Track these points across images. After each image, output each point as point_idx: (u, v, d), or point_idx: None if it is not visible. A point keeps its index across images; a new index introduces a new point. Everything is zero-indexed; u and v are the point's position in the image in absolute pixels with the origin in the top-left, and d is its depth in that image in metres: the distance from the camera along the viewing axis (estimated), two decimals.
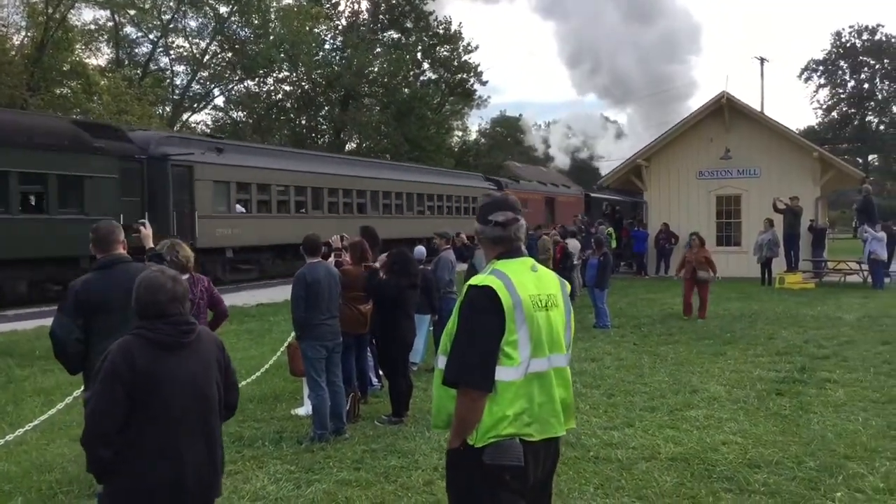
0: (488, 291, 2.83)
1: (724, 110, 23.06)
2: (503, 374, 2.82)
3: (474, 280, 2.92)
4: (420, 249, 10.21)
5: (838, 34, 75.43)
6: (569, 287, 3.19)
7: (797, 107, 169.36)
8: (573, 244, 16.72)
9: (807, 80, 77.26)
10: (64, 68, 33.38)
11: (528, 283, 2.93)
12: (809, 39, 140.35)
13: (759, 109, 30.75)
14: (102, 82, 32.30)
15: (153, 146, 20.16)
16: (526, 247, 3.16)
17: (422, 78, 53.18)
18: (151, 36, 43.06)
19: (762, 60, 53.74)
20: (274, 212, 23.84)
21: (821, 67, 76.04)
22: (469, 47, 53.03)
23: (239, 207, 22.66)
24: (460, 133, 64.72)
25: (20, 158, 16.35)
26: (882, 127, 74.28)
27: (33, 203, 17.43)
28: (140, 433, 3.10)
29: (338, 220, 25.18)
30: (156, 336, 3.15)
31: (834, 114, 76.32)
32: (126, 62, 42.07)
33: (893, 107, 74.48)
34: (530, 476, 2.88)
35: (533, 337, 2.87)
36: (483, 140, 73.28)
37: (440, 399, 2.97)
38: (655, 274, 23.39)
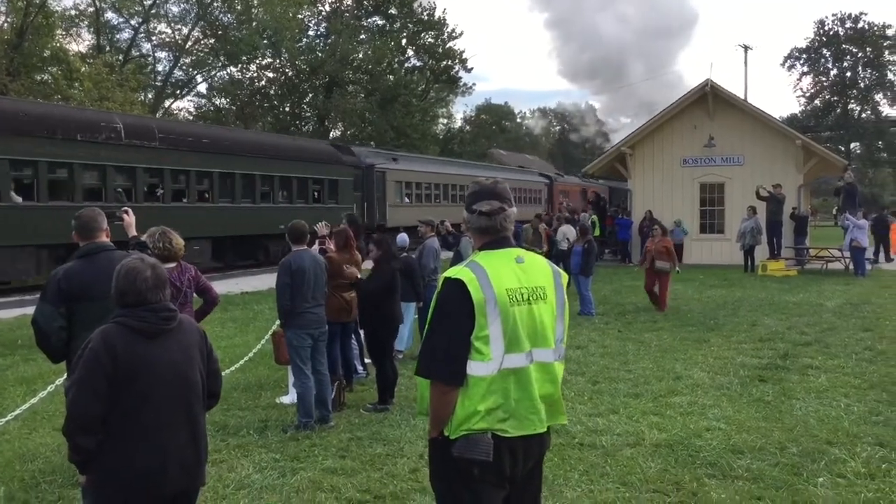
0: (459, 284, 2.77)
1: (708, 98, 23.11)
2: (474, 368, 2.77)
3: (449, 272, 2.87)
4: (403, 237, 10.19)
5: (821, 22, 75.66)
6: (565, 278, 3.08)
7: (780, 94, 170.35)
8: (568, 231, 16.53)
9: (790, 68, 77.57)
10: (44, 54, 32.99)
11: (507, 276, 2.84)
12: (793, 28, 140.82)
13: (742, 97, 30.90)
14: (83, 69, 31.92)
15: (364, 158, 29.13)
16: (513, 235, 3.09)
17: (406, 65, 52.99)
18: (133, 22, 42.66)
19: (746, 48, 53.55)
20: (424, 202, 32.34)
21: (804, 56, 76.30)
22: (454, 34, 52.95)
23: (405, 199, 31.62)
24: (445, 121, 64.70)
25: (305, 168, 24.96)
26: (864, 115, 74.67)
27: (316, 197, 25.85)
28: (122, 421, 3.07)
29: (446, 207, 32.15)
30: (137, 323, 3.13)
31: (817, 102, 76.67)
32: (107, 48, 41.60)
33: (875, 95, 74.90)
34: (506, 470, 2.84)
35: (507, 332, 2.78)
36: (468, 128, 73.22)
37: (422, 387, 2.93)
38: (640, 263, 23.45)
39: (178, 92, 46.25)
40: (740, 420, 6.74)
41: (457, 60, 53.28)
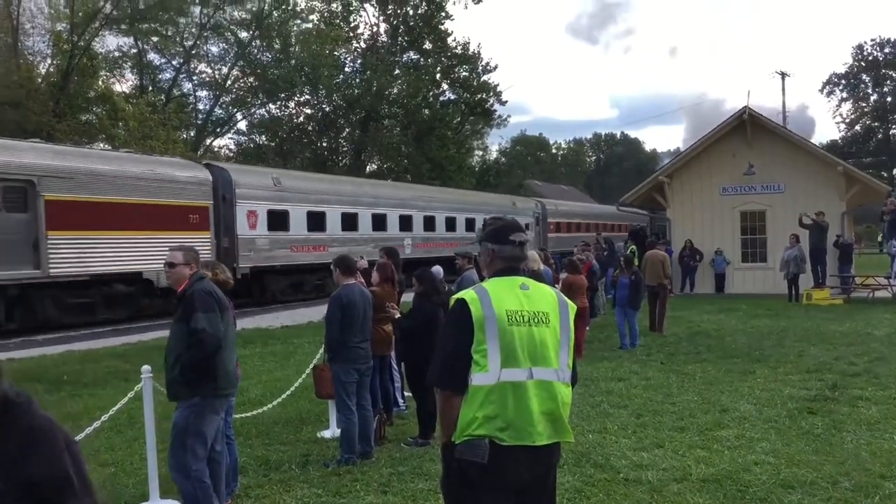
0: (462, 304, 3.10)
1: (746, 125, 22.92)
2: (475, 378, 3.04)
3: (458, 294, 3.20)
4: (438, 269, 10.18)
5: (860, 47, 74.98)
6: (573, 309, 3.32)
7: (820, 121, 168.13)
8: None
9: (829, 94, 76.73)
10: (89, 95, 33.92)
11: (508, 299, 3.13)
12: (830, 53, 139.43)
13: (781, 124, 30.57)
14: (127, 108, 32.75)
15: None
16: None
17: (441, 98, 53.42)
18: (174, 62, 43.73)
19: (783, 75, 53.17)
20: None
21: (843, 81, 75.46)
22: (488, 67, 53.26)
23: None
24: (480, 152, 64.98)
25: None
26: None
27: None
28: None
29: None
30: None
31: (857, 127, 75.61)
32: (150, 88, 42.67)
33: None
34: (506, 477, 3.03)
35: (504, 348, 3.04)
36: (503, 159, 73.45)
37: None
38: (680, 292, 23.17)
39: (218, 130, 47.16)
40: (790, 454, 6.58)
41: (491, 93, 53.59)
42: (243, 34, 43.69)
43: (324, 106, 48.52)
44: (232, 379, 5.26)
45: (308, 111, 49.14)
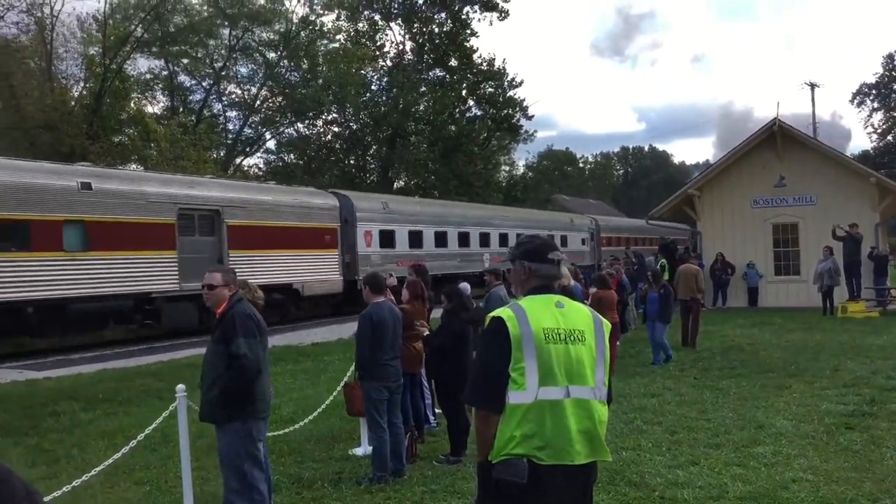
0: (499, 321, 3.08)
1: (777, 137, 22.71)
2: (512, 397, 3.02)
3: (494, 312, 3.18)
4: (466, 286, 10.18)
5: (890, 57, 73.91)
6: (608, 327, 3.30)
7: (852, 131, 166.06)
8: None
9: (859, 104, 75.75)
10: (122, 117, 34.49)
11: (545, 316, 3.11)
12: (860, 63, 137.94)
13: (811, 135, 30.26)
14: (159, 129, 33.25)
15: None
16: None
17: (468, 114, 53.56)
18: (205, 83, 44.36)
19: (812, 86, 52.47)
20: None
21: (874, 91, 74.48)
22: (514, 83, 53.33)
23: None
24: (507, 168, 64.96)
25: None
26: None
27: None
28: None
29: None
30: None
31: (889, 137, 74.54)
32: (181, 109, 43.29)
33: None
34: (546, 497, 3.01)
35: (542, 366, 3.02)
36: (530, 174, 73.38)
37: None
38: (713, 306, 22.90)
39: (247, 149, 47.70)
40: (828, 470, 6.46)
41: (517, 109, 53.61)
42: (271, 55, 44.22)
43: (351, 124, 48.89)
44: (268, 401, 5.27)
45: (335, 129, 49.57)
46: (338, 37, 47.40)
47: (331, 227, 23.52)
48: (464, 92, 52.62)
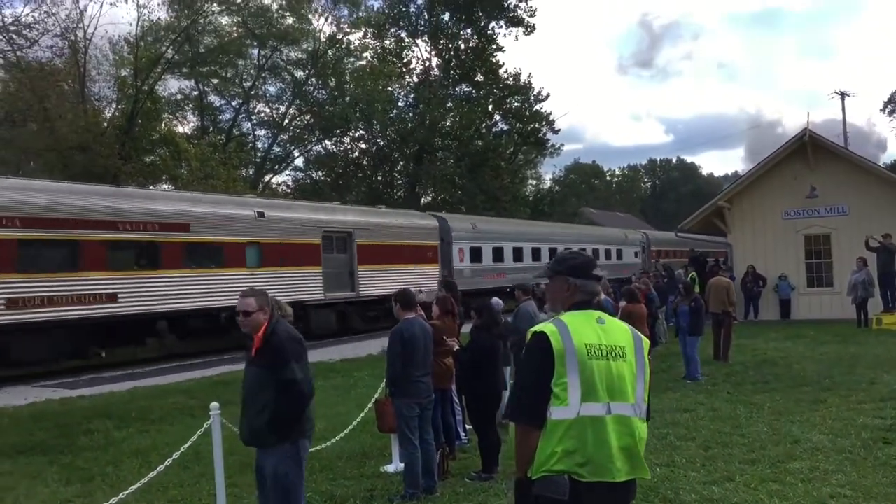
0: (542, 337, 3.08)
1: (807, 148, 22.47)
2: (554, 413, 3.02)
3: (536, 327, 3.18)
4: (497, 301, 10.18)
5: None
6: (647, 343, 3.31)
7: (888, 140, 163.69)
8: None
9: (891, 112, 74.66)
10: (153, 137, 35.00)
11: (587, 332, 3.11)
12: (890, 72, 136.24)
13: (842, 145, 29.90)
14: (190, 149, 33.68)
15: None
16: None
17: (494, 129, 53.61)
18: (234, 103, 44.92)
19: (843, 95, 51.82)
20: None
21: None
22: (540, 96, 53.32)
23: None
24: (534, 182, 64.89)
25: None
26: None
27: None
28: None
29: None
30: None
31: None
32: (210, 129, 43.84)
33: None
34: None
35: (584, 382, 3.02)
36: (557, 188, 73.23)
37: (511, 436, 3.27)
38: (745, 319, 22.62)
39: (276, 167, 48.14)
40: (867, 486, 6.35)
41: (544, 123, 53.57)
42: (299, 73, 44.67)
43: (378, 140, 49.15)
44: (313, 417, 5.22)
45: (363, 146, 49.82)
46: (364, 54, 47.79)
47: (432, 244, 27.51)
48: (490, 107, 52.68)
